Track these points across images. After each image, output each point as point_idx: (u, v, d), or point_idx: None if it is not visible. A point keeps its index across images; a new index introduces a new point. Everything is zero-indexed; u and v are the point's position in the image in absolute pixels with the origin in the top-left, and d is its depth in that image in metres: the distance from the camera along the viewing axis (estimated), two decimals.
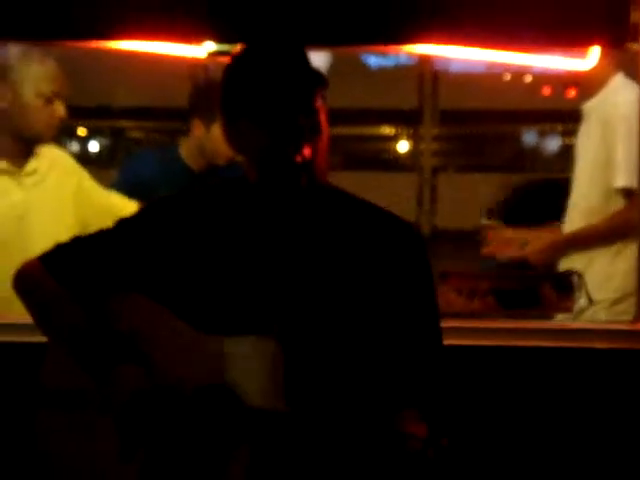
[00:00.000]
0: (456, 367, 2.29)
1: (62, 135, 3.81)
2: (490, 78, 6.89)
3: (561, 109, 5.44)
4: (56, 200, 3.54)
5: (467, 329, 3.22)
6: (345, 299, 2.27)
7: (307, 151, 2.24)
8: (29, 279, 2.44)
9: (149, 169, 4.23)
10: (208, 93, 4.19)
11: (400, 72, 8.02)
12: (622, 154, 3.78)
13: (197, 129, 4.27)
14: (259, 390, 2.22)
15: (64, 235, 3.13)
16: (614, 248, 3.84)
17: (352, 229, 2.32)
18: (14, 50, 3.48)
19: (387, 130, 9.81)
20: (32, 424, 2.39)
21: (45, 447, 2.40)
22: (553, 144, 9.79)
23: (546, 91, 6.20)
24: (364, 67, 7.48)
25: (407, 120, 9.12)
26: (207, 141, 4.26)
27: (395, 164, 9.72)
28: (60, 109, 3.44)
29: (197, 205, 2.40)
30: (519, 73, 6.48)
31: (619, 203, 3.83)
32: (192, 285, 2.35)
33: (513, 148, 10.05)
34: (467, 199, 9.08)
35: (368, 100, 8.29)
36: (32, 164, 3.46)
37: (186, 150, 4.30)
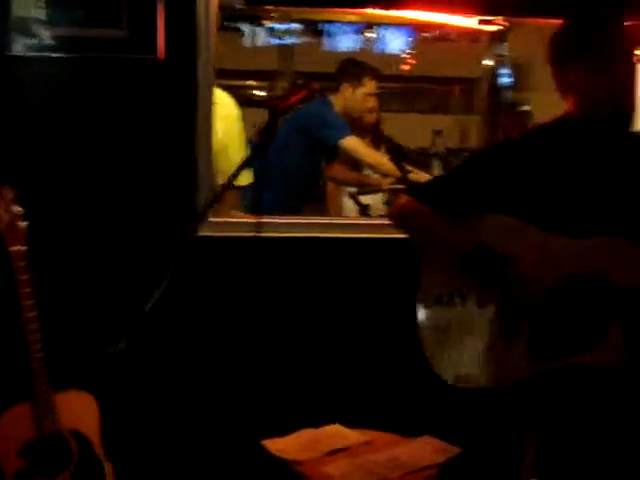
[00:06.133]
0: None
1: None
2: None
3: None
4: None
5: None
6: (627, 212, 2.51)
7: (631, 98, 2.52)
8: (407, 209, 2.72)
9: (324, 112, 5.14)
10: (356, 64, 5.32)
11: None
12: None
13: (346, 91, 5.21)
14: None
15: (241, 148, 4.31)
16: None
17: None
18: None
19: None
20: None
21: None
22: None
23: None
24: None
25: None
26: (351, 100, 5.21)
27: None
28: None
29: (531, 142, 2.64)
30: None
31: None
32: (533, 199, 2.56)
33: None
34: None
35: None
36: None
37: (337, 106, 5.19)
